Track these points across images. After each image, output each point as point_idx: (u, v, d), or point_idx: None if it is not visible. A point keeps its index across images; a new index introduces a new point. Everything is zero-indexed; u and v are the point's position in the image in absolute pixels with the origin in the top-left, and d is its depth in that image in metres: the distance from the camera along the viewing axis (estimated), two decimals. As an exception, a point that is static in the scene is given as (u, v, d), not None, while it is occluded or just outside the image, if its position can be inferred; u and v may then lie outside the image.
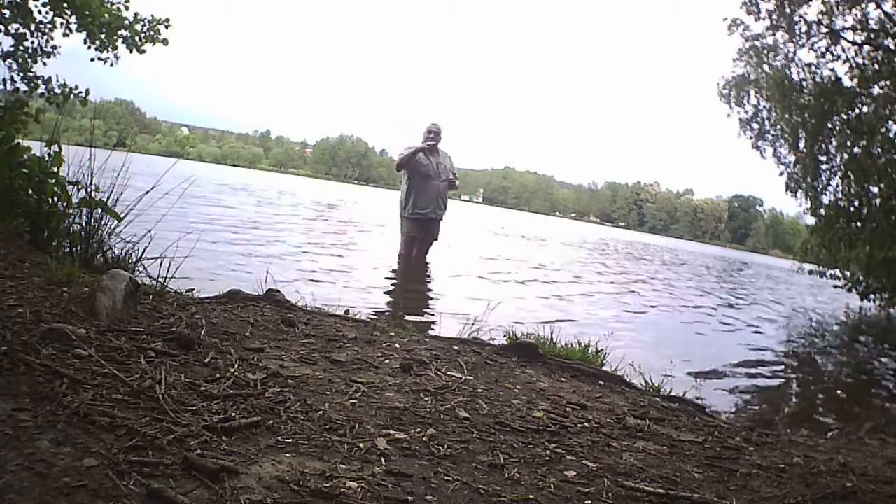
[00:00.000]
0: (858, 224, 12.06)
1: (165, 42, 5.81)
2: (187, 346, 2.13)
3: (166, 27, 5.77)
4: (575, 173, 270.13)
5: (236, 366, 2.06)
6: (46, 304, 2.23)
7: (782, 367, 5.54)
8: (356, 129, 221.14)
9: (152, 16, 5.71)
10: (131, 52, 5.69)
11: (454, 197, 8.34)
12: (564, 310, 6.28)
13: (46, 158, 3.47)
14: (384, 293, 5.66)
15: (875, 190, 11.86)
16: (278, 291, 3.31)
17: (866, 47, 11.98)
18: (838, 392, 4.68)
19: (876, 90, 11.70)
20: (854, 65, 12.11)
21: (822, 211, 12.80)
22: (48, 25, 5.56)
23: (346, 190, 49.03)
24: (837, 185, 12.67)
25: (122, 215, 3.20)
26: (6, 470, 1.20)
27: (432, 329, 3.98)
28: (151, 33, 5.71)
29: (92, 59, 5.66)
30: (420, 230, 7.34)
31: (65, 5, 5.41)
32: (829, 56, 12.32)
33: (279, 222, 11.51)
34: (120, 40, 5.63)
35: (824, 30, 12.13)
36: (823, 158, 12.78)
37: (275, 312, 2.98)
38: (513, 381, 2.62)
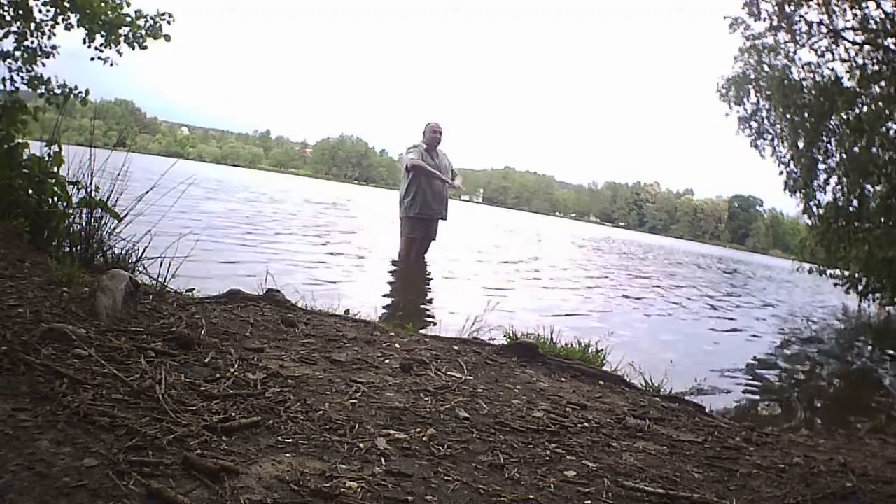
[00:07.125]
0: (858, 224, 12.04)
1: (168, 38, 5.77)
2: (187, 346, 2.13)
3: (169, 22, 5.74)
4: (575, 173, 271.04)
5: (236, 366, 2.06)
6: (46, 304, 2.23)
7: (782, 366, 5.53)
8: (356, 129, 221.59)
9: (157, 10, 5.67)
10: (133, 48, 5.66)
11: (453, 197, 8.30)
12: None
13: (46, 158, 3.47)
14: (384, 293, 5.66)
15: (874, 190, 11.86)
16: (278, 291, 3.31)
17: (866, 47, 11.97)
18: (838, 392, 4.68)
19: (876, 90, 11.68)
20: (854, 65, 12.11)
21: (821, 210, 12.78)
22: (48, 24, 5.55)
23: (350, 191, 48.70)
24: (836, 185, 12.67)
25: (122, 215, 3.20)
26: (6, 470, 1.20)
27: (432, 329, 3.98)
28: (153, 30, 5.68)
29: (92, 59, 5.65)
30: (422, 231, 7.33)
31: (66, 4, 5.40)
32: (829, 56, 12.33)
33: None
34: (121, 38, 5.61)
35: (824, 30, 12.12)
36: (822, 158, 12.77)
37: (275, 312, 2.98)
38: (513, 381, 2.61)
